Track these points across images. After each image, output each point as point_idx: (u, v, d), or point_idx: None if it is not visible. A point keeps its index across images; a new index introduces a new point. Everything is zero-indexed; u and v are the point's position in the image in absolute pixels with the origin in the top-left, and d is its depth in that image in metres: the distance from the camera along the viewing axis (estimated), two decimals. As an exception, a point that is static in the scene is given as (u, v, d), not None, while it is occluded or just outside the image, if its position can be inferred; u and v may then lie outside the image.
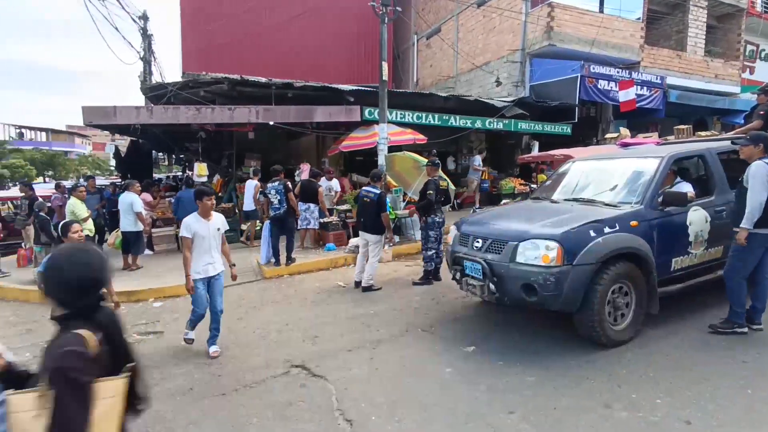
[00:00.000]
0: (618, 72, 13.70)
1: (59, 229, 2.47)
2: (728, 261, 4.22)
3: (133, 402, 1.63)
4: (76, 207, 7.01)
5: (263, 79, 10.75)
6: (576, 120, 13.81)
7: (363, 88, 11.63)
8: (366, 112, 11.05)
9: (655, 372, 3.57)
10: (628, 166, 4.89)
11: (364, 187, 6.72)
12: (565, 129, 13.83)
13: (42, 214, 7.56)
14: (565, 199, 4.91)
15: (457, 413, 3.18)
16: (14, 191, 14.22)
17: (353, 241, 8.42)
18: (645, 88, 13.80)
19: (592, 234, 3.87)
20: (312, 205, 8.53)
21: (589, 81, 13.06)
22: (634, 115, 13.84)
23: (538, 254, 3.86)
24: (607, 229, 3.92)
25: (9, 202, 13.98)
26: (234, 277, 4.65)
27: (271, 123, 10.35)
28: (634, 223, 4.05)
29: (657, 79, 14.28)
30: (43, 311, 6.30)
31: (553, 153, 9.69)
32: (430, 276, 6.49)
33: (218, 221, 4.49)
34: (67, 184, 13.07)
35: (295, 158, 13.10)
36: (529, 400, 3.27)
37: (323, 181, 9.76)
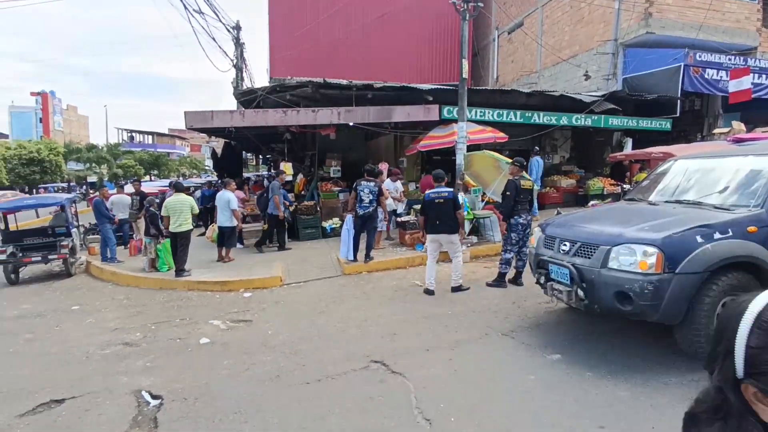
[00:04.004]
0: (730, 59, 12.26)
1: None
2: None
3: None
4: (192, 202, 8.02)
5: (344, 82, 11.08)
6: (677, 114, 12.56)
7: (442, 87, 11.56)
8: (445, 111, 10.96)
9: (775, 398, 3.14)
10: (743, 164, 4.34)
11: (430, 191, 6.44)
12: (664, 124, 12.64)
13: (152, 209, 8.42)
14: (666, 201, 4.49)
15: (541, 422, 3.05)
16: (128, 188, 16.00)
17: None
18: (764, 76, 12.21)
19: (699, 240, 3.50)
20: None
21: (694, 70, 11.82)
22: (749, 108, 12.30)
23: (634, 260, 3.57)
24: (717, 235, 3.52)
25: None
26: None
27: (351, 124, 10.63)
28: (752, 228, 3.59)
29: (779, 65, 12.58)
30: (151, 296, 7.05)
31: (650, 150, 8.90)
32: (505, 278, 6.29)
33: None
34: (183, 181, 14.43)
35: (373, 158, 13.33)
36: (622, 416, 3.04)
37: (389, 183, 9.77)
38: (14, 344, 5.29)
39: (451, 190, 6.27)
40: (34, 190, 33.26)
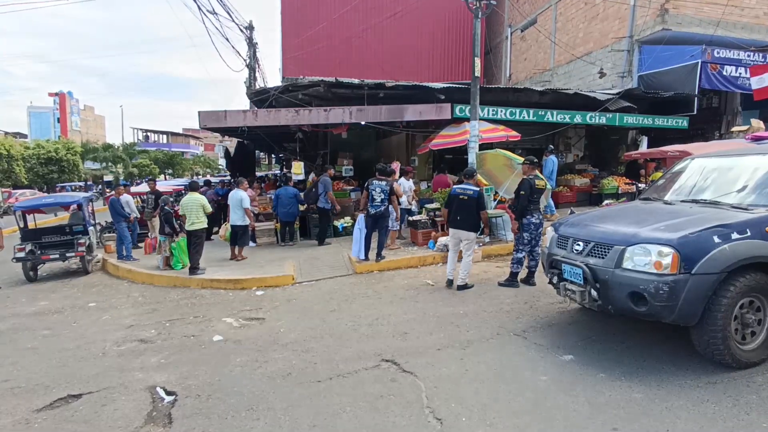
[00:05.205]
0: (749, 56, 12.00)
1: None
2: None
3: None
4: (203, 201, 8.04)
5: (356, 81, 11.09)
6: (694, 112, 12.33)
7: (454, 86, 11.50)
8: (457, 110, 10.90)
9: (795, 402, 3.08)
10: (762, 163, 4.25)
11: (457, 185, 6.62)
12: (681, 122, 12.42)
13: (167, 207, 8.52)
14: (682, 201, 4.41)
15: (553, 424, 3.02)
16: (143, 187, 16.24)
17: (442, 239, 8.36)
18: (784, 72, 11.90)
19: (716, 240, 3.43)
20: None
21: (712, 67, 11.60)
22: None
23: (649, 260, 3.51)
24: (735, 235, 3.45)
25: (138, 197, 16.00)
26: None
27: (363, 123, 10.64)
28: (771, 228, 3.52)
29: (800, 61, 12.24)
30: (165, 293, 7.14)
31: (666, 149, 8.76)
32: (517, 278, 6.27)
33: None
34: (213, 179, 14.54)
35: (385, 157, 13.33)
36: (636, 419, 3.00)
37: (402, 181, 9.72)
38: (32, 340, 5.41)
39: (478, 189, 6.25)
40: (52, 189, 33.92)
